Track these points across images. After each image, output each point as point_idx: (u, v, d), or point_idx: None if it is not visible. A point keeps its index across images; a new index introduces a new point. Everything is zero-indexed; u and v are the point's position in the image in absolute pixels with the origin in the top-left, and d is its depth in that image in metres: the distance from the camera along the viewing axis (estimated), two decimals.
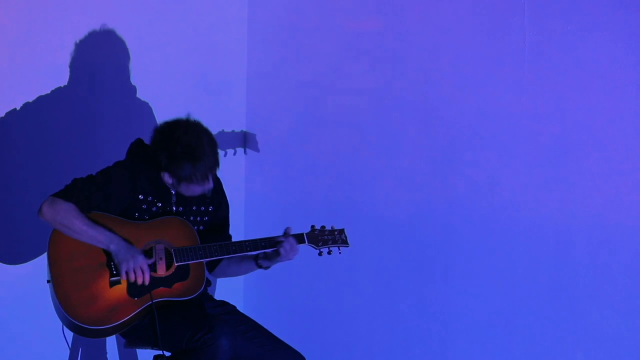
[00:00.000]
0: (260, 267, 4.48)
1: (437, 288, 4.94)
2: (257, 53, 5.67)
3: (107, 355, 5.12)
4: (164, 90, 5.33)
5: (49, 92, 5.05)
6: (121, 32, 5.21)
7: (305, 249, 4.46)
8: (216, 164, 4.26)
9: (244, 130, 5.68)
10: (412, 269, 5.02)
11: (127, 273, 4.20)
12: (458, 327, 4.88)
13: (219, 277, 4.61)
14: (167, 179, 4.29)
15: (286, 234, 4.41)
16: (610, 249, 4.40)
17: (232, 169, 5.53)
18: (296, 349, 4.43)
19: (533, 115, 4.60)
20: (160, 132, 4.26)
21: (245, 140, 5.67)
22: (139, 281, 4.20)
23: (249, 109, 5.71)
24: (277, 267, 4.50)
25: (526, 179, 4.63)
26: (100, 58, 5.20)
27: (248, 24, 5.68)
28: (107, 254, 4.25)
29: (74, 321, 4.17)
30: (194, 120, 4.27)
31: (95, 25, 5.14)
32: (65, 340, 4.50)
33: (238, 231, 4.74)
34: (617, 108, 4.38)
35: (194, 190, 4.28)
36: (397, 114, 5.06)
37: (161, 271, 4.28)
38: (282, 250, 4.37)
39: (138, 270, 4.20)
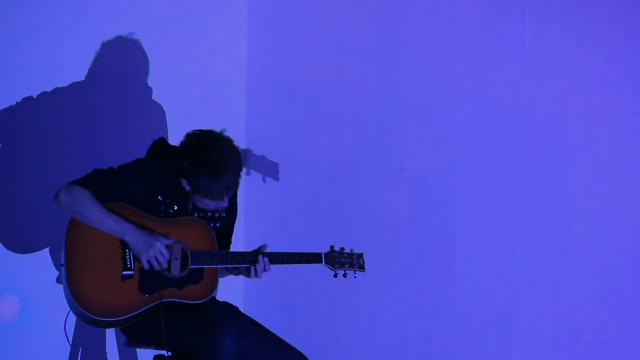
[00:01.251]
0: (232, 273, 4.48)
1: (437, 288, 4.94)
2: (257, 61, 5.65)
3: (107, 355, 5.11)
4: (165, 92, 5.32)
5: (49, 90, 5.05)
6: (121, 34, 5.20)
7: (319, 266, 4.45)
8: (235, 185, 4.21)
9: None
10: (413, 269, 5.03)
11: (149, 262, 4.19)
12: (458, 328, 4.88)
13: None
14: (185, 185, 4.26)
15: (262, 252, 4.36)
16: (610, 250, 4.41)
17: None
18: (297, 349, 4.44)
19: (533, 115, 4.61)
20: (190, 137, 4.21)
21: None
22: (160, 266, 4.21)
23: (249, 120, 5.69)
24: (277, 268, 4.49)
25: (526, 178, 4.64)
26: (100, 59, 5.18)
27: (248, 24, 5.67)
28: (124, 246, 4.22)
29: (80, 309, 4.16)
30: (227, 136, 4.22)
31: (95, 27, 5.13)
32: (66, 338, 4.50)
33: (237, 242, 4.74)
34: (617, 108, 4.39)
35: (207, 204, 4.24)
36: (397, 116, 5.06)
37: (175, 271, 4.27)
38: (253, 270, 4.35)
39: (160, 256, 4.19)
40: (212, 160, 4.14)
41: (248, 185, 5.64)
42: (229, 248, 4.52)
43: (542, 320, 4.62)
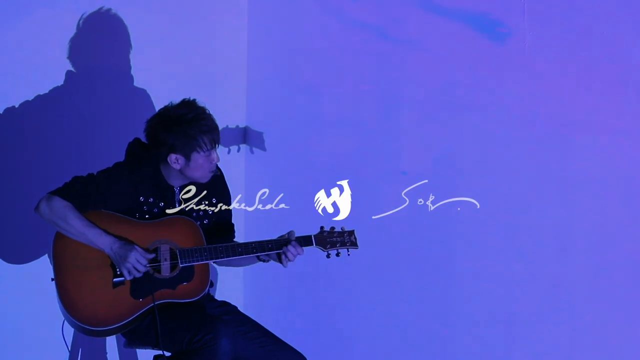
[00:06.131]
0: (262, 260, 4.46)
1: (437, 288, 4.94)
2: (257, 50, 5.66)
3: (107, 355, 5.11)
4: (164, 88, 5.32)
5: (47, 91, 5.05)
6: (121, 30, 5.21)
7: (311, 249, 4.42)
8: (217, 127, 4.25)
9: (246, 126, 5.66)
10: (413, 268, 5.02)
11: (130, 273, 4.19)
12: (458, 328, 4.88)
13: (221, 266, 4.61)
14: (175, 163, 4.25)
15: (289, 238, 4.36)
16: (610, 250, 4.40)
17: (231, 167, 5.52)
18: (297, 349, 4.43)
19: (533, 115, 4.60)
20: (157, 117, 4.26)
21: (245, 137, 5.66)
22: (141, 272, 4.20)
23: (250, 107, 5.70)
24: (277, 267, 4.49)
25: (526, 178, 4.64)
26: (99, 55, 5.19)
27: (248, 19, 5.67)
28: None
29: (75, 321, 4.17)
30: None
31: (94, 23, 5.13)
32: (64, 341, 4.50)
33: (238, 231, 4.74)
34: (618, 108, 4.38)
35: (203, 166, 4.24)
36: (397, 112, 5.06)
37: (165, 272, 4.27)
38: (289, 255, 4.33)
39: (138, 265, 4.19)
40: (184, 111, 4.20)
41: (247, 177, 5.66)
42: (233, 235, 4.54)
43: (542, 320, 4.61)
